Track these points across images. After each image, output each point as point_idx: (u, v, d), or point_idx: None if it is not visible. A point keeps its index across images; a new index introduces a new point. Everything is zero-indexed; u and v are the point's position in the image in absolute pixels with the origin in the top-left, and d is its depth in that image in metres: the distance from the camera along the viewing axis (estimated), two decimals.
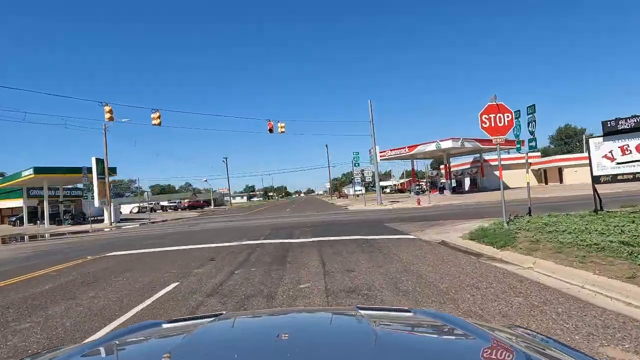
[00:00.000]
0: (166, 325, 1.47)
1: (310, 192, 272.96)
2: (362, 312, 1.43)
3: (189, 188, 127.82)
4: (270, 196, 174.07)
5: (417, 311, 1.53)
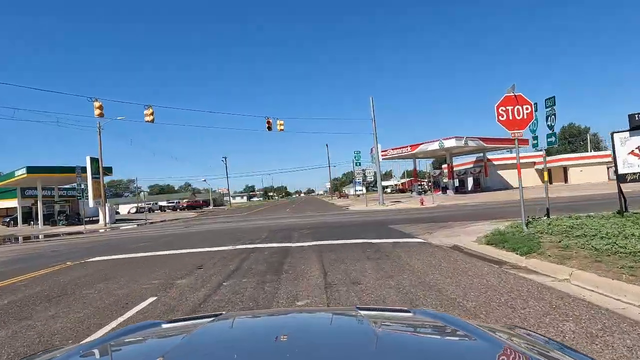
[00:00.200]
0: (165, 325, 1.44)
1: (311, 192, 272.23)
2: (361, 312, 1.40)
3: (188, 188, 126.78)
4: (270, 196, 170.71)
5: (417, 311, 1.50)
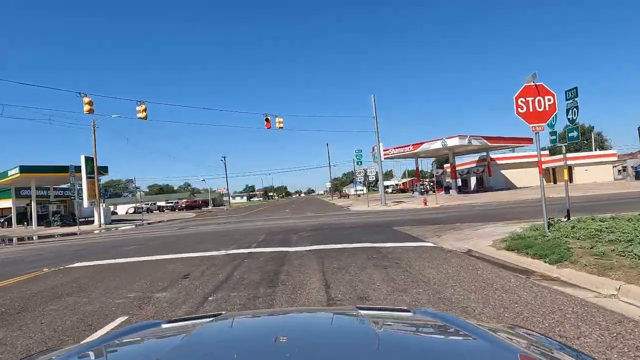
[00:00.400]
0: (165, 326, 1.43)
1: (311, 192, 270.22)
2: (362, 312, 1.39)
3: (187, 188, 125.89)
4: (270, 196, 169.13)
5: (417, 311, 1.47)
